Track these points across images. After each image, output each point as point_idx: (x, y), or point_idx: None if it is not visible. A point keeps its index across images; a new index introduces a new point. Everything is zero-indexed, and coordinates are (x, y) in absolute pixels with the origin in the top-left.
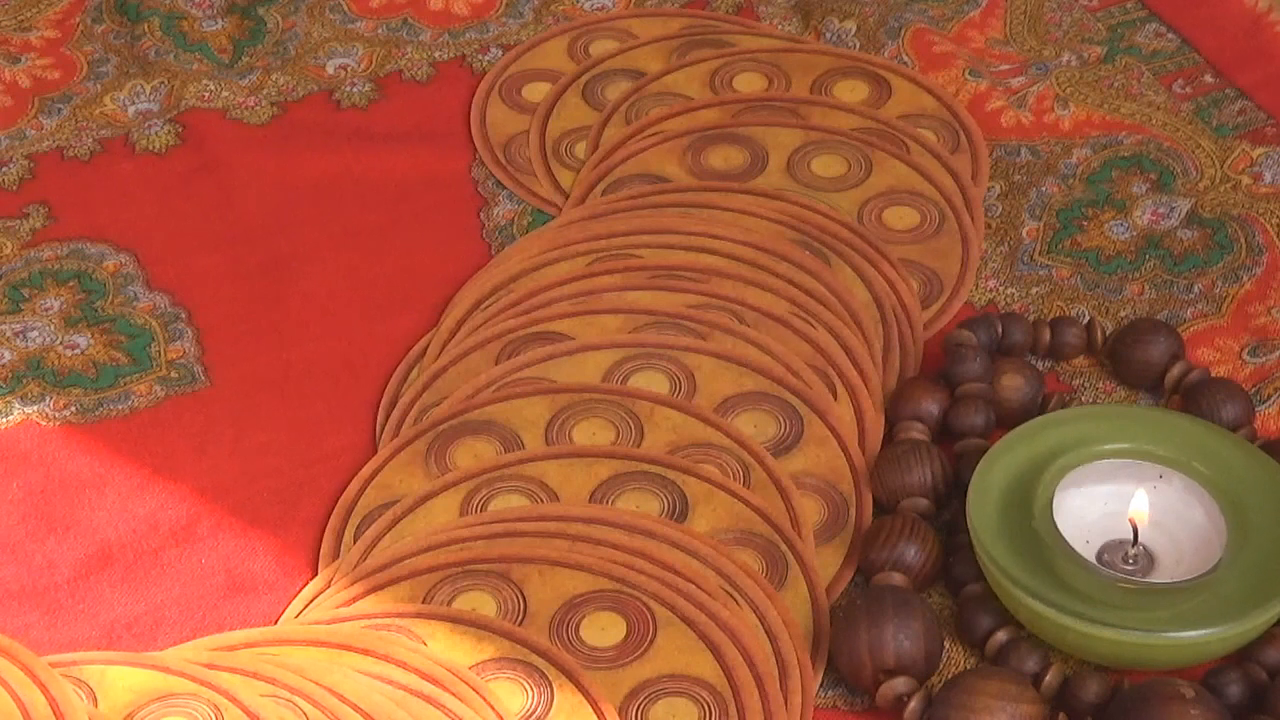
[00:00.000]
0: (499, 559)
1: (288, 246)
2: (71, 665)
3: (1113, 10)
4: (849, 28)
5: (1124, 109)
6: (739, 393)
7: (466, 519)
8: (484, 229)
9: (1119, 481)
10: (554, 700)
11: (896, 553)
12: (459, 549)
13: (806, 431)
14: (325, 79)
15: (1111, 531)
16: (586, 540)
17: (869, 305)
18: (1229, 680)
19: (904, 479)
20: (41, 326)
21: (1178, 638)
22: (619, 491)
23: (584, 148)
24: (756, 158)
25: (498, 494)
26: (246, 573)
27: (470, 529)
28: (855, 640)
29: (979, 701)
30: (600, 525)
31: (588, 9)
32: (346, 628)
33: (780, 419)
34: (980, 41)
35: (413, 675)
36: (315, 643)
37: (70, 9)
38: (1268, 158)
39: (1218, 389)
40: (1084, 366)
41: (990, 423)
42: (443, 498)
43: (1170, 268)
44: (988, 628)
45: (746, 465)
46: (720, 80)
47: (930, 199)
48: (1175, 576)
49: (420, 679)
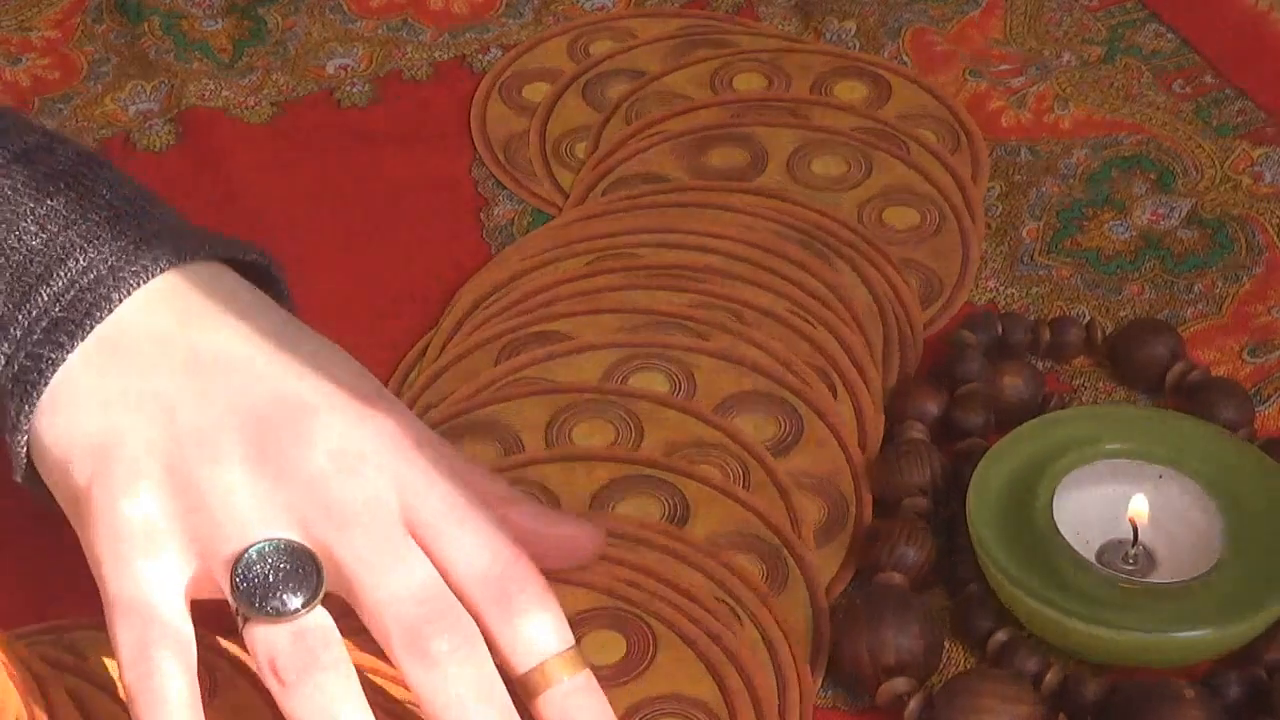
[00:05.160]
0: None
1: (287, 246)
2: (60, 631)
3: (1113, 10)
4: (849, 28)
5: (1124, 109)
6: (739, 392)
7: None
8: (484, 229)
9: (1119, 481)
10: None
11: (896, 553)
12: None
13: (806, 431)
14: (325, 79)
15: (1111, 531)
16: None
17: (869, 305)
18: (1229, 680)
19: (904, 479)
20: None
21: (1178, 638)
22: (620, 497)
23: (584, 148)
24: (756, 158)
25: None
26: None
27: None
28: (855, 640)
29: (979, 702)
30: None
31: (588, 9)
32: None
33: (780, 419)
34: (980, 41)
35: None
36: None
37: (70, 9)
38: (1268, 158)
39: (1218, 389)
40: (1084, 366)
41: (990, 423)
42: None
43: (1170, 268)
44: (988, 628)
45: (746, 465)
46: (720, 80)
47: (930, 199)
48: (1175, 576)
49: None
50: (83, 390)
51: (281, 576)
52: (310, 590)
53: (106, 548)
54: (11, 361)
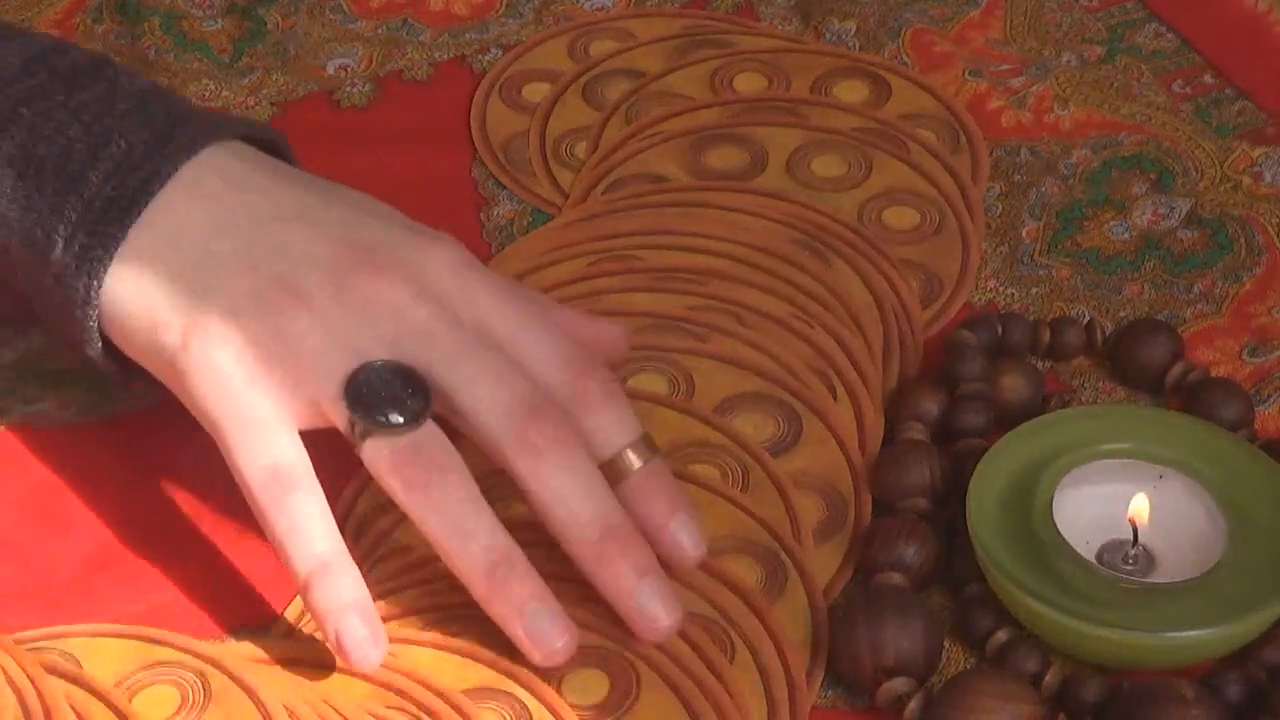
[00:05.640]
0: None
1: None
2: (57, 638)
3: (1113, 10)
4: (849, 28)
5: (1124, 109)
6: (737, 393)
7: None
8: (484, 229)
9: (1119, 481)
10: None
11: (896, 553)
12: (456, 593)
13: (805, 431)
14: (325, 79)
15: (1111, 531)
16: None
17: (869, 306)
18: (1229, 680)
19: (904, 479)
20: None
21: (1178, 638)
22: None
23: (584, 148)
24: (756, 158)
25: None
26: (247, 572)
27: None
28: (855, 640)
29: (979, 702)
30: None
31: (588, 9)
32: None
33: (779, 419)
34: (980, 41)
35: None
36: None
37: (70, 9)
38: (1268, 158)
39: (1218, 389)
40: (1084, 366)
41: (990, 423)
42: None
43: (1170, 268)
44: (988, 628)
45: (746, 466)
46: (720, 80)
47: (930, 199)
48: (1175, 576)
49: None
50: (154, 257)
51: (391, 393)
52: (421, 401)
53: (213, 399)
54: (72, 242)
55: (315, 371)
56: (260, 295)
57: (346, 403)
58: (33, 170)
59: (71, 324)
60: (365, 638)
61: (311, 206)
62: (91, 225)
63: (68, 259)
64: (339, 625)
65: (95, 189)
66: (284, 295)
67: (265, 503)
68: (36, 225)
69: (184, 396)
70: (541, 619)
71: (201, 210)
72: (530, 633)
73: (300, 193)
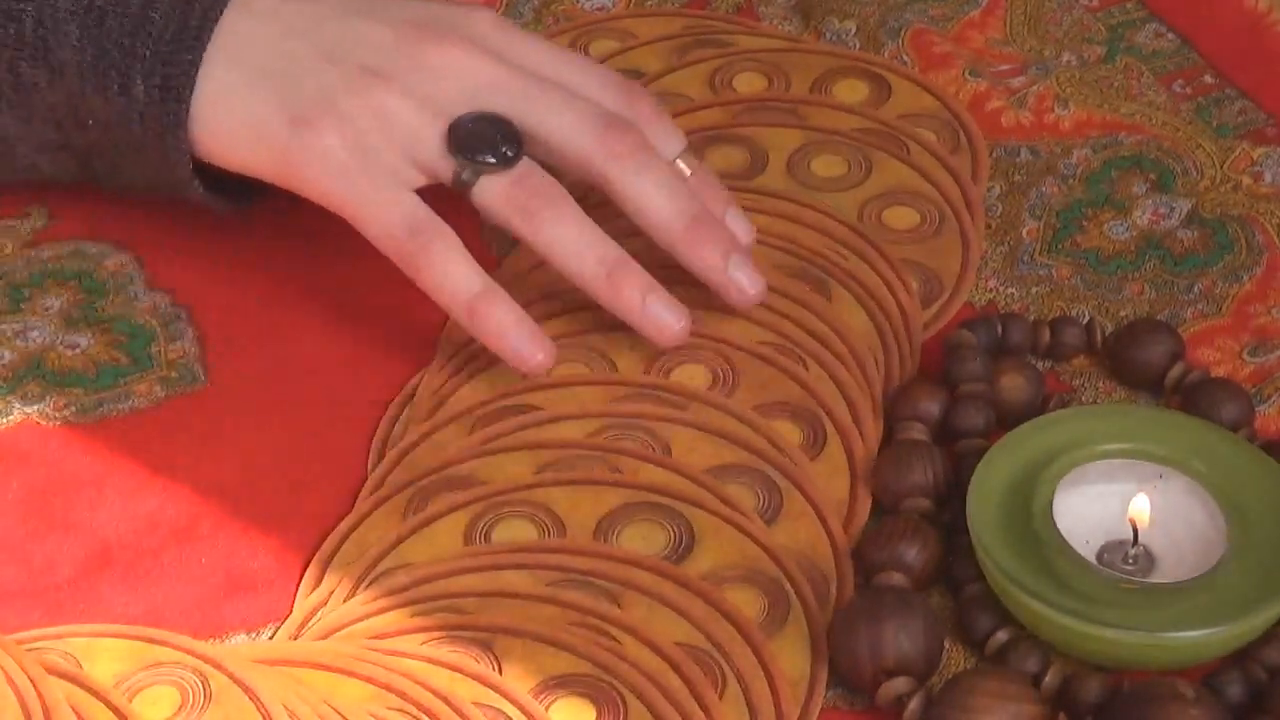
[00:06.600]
0: (486, 628)
1: (286, 245)
2: (57, 638)
3: (1113, 10)
4: (849, 28)
5: (1124, 109)
6: (717, 465)
7: (470, 550)
8: (484, 229)
9: (1119, 481)
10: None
11: (896, 553)
12: (451, 613)
13: (785, 505)
14: None
15: (1111, 531)
16: (576, 609)
17: (869, 334)
18: (1229, 680)
19: (904, 479)
20: (41, 326)
21: (1178, 638)
22: (626, 523)
23: None
24: (756, 158)
25: (503, 519)
26: (246, 572)
27: (465, 562)
28: (855, 640)
29: (979, 701)
30: (595, 580)
31: (588, 9)
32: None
33: (759, 492)
34: (980, 41)
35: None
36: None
37: None
38: (1268, 158)
39: (1218, 389)
40: (1084, 366)
41: (990, 423)
42: (448, 520)
43: (1170, 268)
44: (988, 628)
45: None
46: (720, 80)
47: (930, 199)
48: (1175, 576)
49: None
50: (237, 69)
51: (488, 137)
52: (514, 139)
53: (334, 179)
54: (152, 75)
55: (417, 137)
56: (349, 81)
57: (452, 155)
58: (94, 19)
59: (159, 155)
60: (534, 346)
61: (354, 3)
62: (168, 56)
63: (150, 90)
64: (511, 341)
65: (160, 26)
66: (369, 78)
67: (411, 253)
68: (111, 67)
69: (301, 186)
70: (658, 306)
71: (262, 25)
72: (652, 319)
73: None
